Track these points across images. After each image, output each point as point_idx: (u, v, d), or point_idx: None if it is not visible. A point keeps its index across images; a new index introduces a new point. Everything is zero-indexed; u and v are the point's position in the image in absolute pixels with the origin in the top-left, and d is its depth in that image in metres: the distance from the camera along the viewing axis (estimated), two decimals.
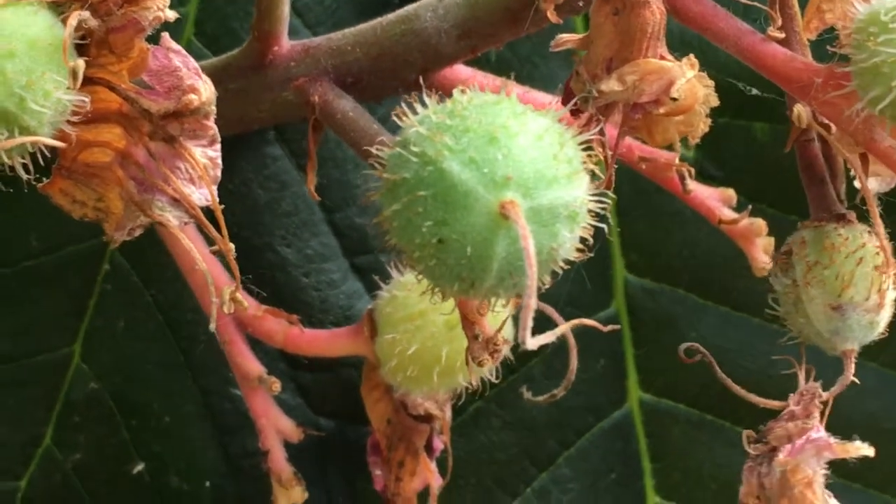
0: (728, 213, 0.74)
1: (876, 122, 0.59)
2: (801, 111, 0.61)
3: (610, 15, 0.59)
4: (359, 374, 0.78)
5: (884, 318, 0.63)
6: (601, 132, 0.62)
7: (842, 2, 0.58)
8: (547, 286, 0.57)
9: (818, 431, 0.62)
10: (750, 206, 0.74)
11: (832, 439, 0.67)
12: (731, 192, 0.75)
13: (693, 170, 0.72)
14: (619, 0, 0.59)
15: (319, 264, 0.82)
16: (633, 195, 0.85)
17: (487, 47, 0.69)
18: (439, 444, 0.77)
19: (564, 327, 0.57)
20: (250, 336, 0.77)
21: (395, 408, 0.75)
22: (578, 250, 0.58)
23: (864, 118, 0.58)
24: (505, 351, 0.64)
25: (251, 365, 0.75)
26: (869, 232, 0.64)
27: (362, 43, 0.70)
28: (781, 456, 0.64)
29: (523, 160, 0.54)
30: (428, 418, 0.76)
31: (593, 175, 0.59)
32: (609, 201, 0.57)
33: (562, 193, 0.55)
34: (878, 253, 0.62)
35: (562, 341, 0.69)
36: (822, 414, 0.63)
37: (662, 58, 0.60)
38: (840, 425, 0.87)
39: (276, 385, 0.75)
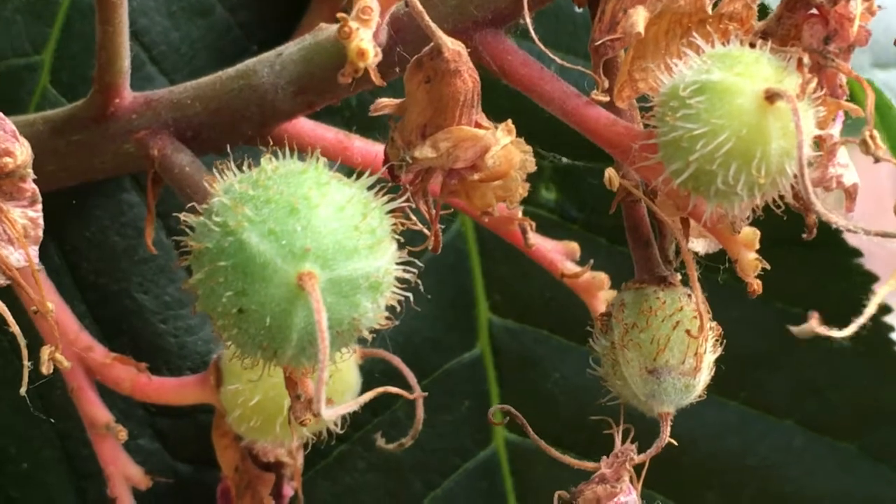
0: (571, 267, 0.74)
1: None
2: (611, 175, 0.61)
3: (422, 83, 0.59)
4: None
5: (701, 381, 0.64)
6: (425, 193, 0.62)
7: (653, 71, 0.59)
8: (351, 353, 0.58)
9: (628, 494, 0.62)
10: (589, 264, 0.75)
11: None
12: (574, 246, 0.75)
13: (534, 224, 0.73)
14: (430, 69, 0.59)
15: (177, 310, 0.82)
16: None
17: (324, 103, 0.69)
18: (289, 490, 0.78)
19: (366, 397, 0.57)
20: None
21: (242, 456, 0.76)
22: (387, 318, 0.58)
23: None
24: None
25: (99, 412, 0.76)
26: (689, 295, 0.64)
27: (202, 97, 0.70)
28: None
29: (323, 231, 0.55)
30: (278, 465, 0.77)
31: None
32: (415, 270, 0.58)
33: (362, 264, 0.55)
34: (695, 317, 0.63)
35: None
36: (639, 474, 0.63)
37: (478, 124, 0.60)
38: (703, 463, 0.88)
39: (123, 433, 0.75)
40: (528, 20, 0.63)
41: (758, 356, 0.87)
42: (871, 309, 0.56)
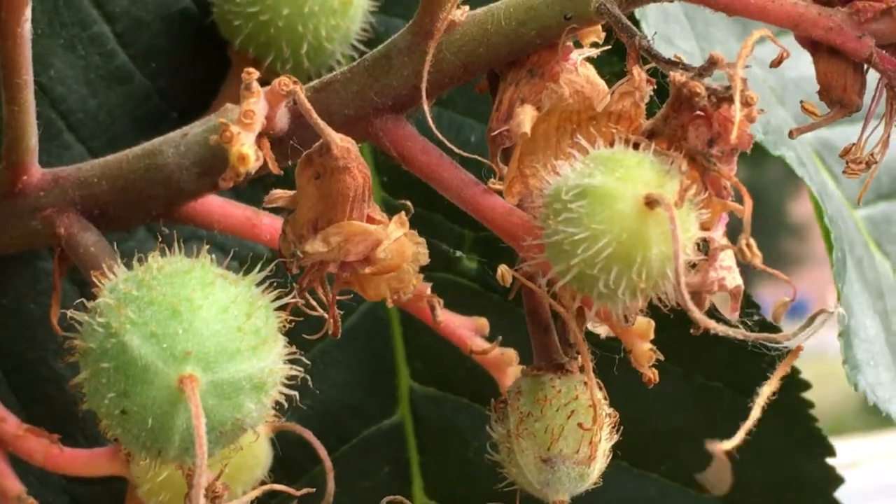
0: (479, 343, 0.75)
1: None
2: (504, 272, 0.61)
3: (312, 179, 0.59)
4: None
5: (596, 469, 0.64)
6: (322, 281, 0.63)
7: (541, 169, 0.59)
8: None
9: None
10: (497, 341, 0.75)
11: None
12: (483, 321, 0.76)
13: (442, 301, 0.73)
14: (319, 165, 0.59)
15: None
16: None
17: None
18: None
19: (252, 494, 0.57)
20: None
21: None
22: (275, 415, 0.59)
23: None
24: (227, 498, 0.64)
25: (10, 484, 0.76)
26: (585, 383, 0.64)
27: (108, 176, 0.70)
28: None
29: (204, 334, 0.55)
30: None
31: None
32: (302, 368, 0.58)
33: (245, 366, 0.56)
34: (591, 405, 0.63)
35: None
36: None
37: (370, 218, 0.61)
38: None
39: None
40: (427, 109, 0.63)
41: (678, 430, 0.87)
42: (756, 412, 0.57)
